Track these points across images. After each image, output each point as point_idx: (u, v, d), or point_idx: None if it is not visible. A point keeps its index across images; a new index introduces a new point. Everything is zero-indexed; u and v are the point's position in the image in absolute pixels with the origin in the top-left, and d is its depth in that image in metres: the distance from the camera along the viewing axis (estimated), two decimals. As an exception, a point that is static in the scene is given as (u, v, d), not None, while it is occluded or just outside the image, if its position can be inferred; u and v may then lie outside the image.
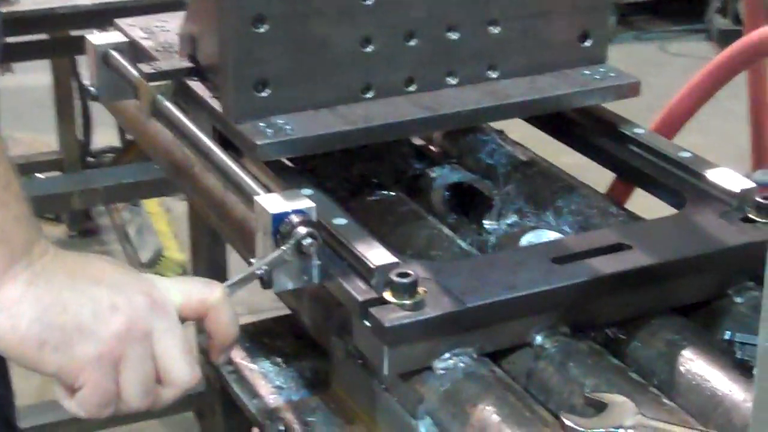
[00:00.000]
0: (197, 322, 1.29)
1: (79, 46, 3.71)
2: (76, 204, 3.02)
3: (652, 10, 7.18)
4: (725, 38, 6.73)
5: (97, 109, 4.48)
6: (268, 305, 2.39)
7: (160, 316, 1.22)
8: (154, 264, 4.33)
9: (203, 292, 1.28)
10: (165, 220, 4.59)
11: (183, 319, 1.26)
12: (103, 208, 4.56)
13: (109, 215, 4.40)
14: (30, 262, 1.18)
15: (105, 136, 4.74)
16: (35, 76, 4.90)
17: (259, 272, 1.35)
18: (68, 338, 1.17)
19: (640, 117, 1.80)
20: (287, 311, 1.70)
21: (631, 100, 1.77)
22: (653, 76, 1.58)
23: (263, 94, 1.60)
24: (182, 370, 1.23)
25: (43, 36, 3.79)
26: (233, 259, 3.08)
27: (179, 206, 4.73)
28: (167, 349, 1.22)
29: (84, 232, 4.63)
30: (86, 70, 1.93)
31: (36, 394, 3.39)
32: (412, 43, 1.67)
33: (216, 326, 1.29)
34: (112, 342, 1.19)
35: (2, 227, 1.16)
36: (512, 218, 1.68)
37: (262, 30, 1.57)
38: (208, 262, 3.13)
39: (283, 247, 1.35)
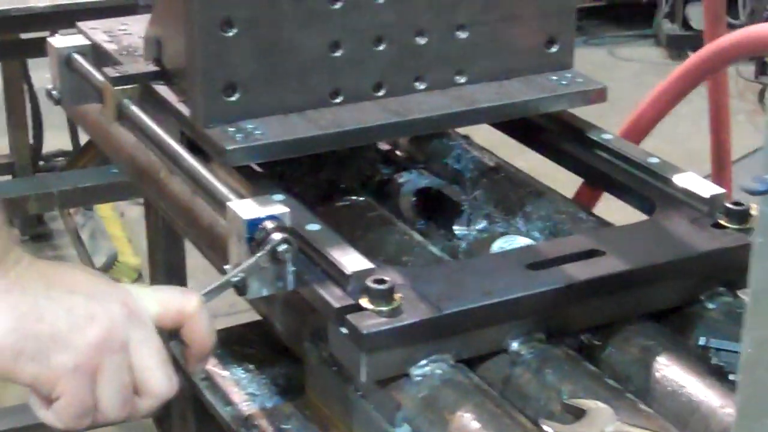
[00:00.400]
0: (172, 331, 1.28)
1: (30, 48, 3.69)
2: (33, 208, 2.97)
3: (601, 15, 7.22)
4: (674, 43, 6.82)
5: (46, 113, 4.44)
6: (224, 310, 2.38)
7: (137, 326, 1.21)
8: (109, 269, 4.29)
9: (180, 301, 1.27)
10: (119, 224, 4.55)
11: (159, 329, 1.24)
12: (55, 213, 4.51)
13: (62, 219, 4.35)
14: (5, 271, 1.16)
15: (55, 140, 4.69)
16: (-16, 79, 4.84)
17: (234, 279, 1.34)
18: (44, 348, 1.16)
19: (592, 122, 1.80)
20: (247, 316, 1.68)
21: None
22: (603, 81, 1.58)
23: (232, 99, 1.59)
24: (160, 381, 1.22)
25: (-7, 38, 3.75)
26: (191, 264, 3.07)
27: (133, 210, 4.69)
28: (144, 360, 1.21)
29: (36, 236, 4.58)
30: (42, 71, 1.90)
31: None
32: (381, 47, 1.66)
33: (193, 335, 1.28)
34: (90, 352, 1.17)
35: None
36: (482, 224, 1.68)
37: (230, 34, 1.56)
38: (165, 266, 3.10)
39: (259, 254, 1.33)
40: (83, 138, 4.21)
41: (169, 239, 3.07)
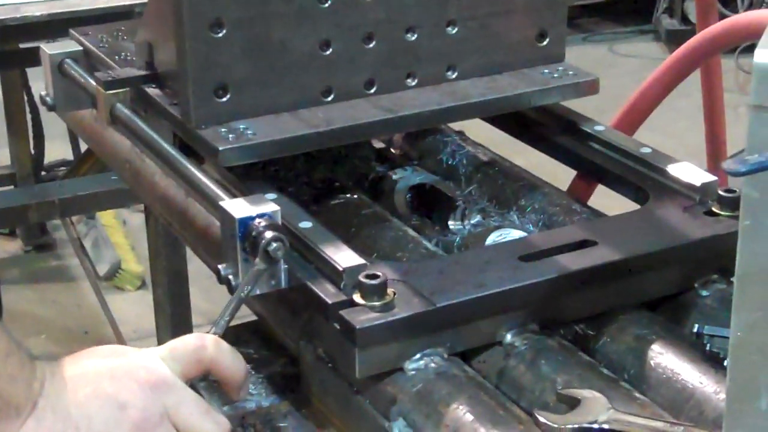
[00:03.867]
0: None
1: (29, 58, 3.69)
2: (34, 218, 2.99)
3: (600, 11, 7.23)
4: (673, 38, 6.81)
5: (47, 123, 4.44)
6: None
7: (166, 393, 1.23)
8: (112, 277, 4.30)
9: (197, 351, 1.28)
10: (121, 232, 4.56)
11: (187, 381, 1.27)
12: (58, 223, 4.52)
13: (65, 229, 4.36)
14: (33, 403, 1.19)
15: (58, 149, 4.69)
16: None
17: (243, 294, 1.34)
18: None
19: (592, 117, 1.80)
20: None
21: (582, 101, 1.78)
22: (603, 77, 1.58)
23: (223, 99, 1.59)
24: (209, 430, 1.24)
25: (-10, 49, 3.74)
26: (192, 269, 3.07)
27: (135, 218, 4.70)
28: (187, 419, 1.23)
29: (39, 246, 4.59)
30: (41, 81, 1.91)
31: None
32: (371, 45, 1.67)
33: (223, 373, 1.30)
34: None
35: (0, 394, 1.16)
36: (476, 218, 1.68)
37: (220, 35, 1.56)
38: (167, 273, 3.11)
39: (256, 260, 1.34)
40: (84, 146, 4.22)
41: (170, 245, 3.07)
